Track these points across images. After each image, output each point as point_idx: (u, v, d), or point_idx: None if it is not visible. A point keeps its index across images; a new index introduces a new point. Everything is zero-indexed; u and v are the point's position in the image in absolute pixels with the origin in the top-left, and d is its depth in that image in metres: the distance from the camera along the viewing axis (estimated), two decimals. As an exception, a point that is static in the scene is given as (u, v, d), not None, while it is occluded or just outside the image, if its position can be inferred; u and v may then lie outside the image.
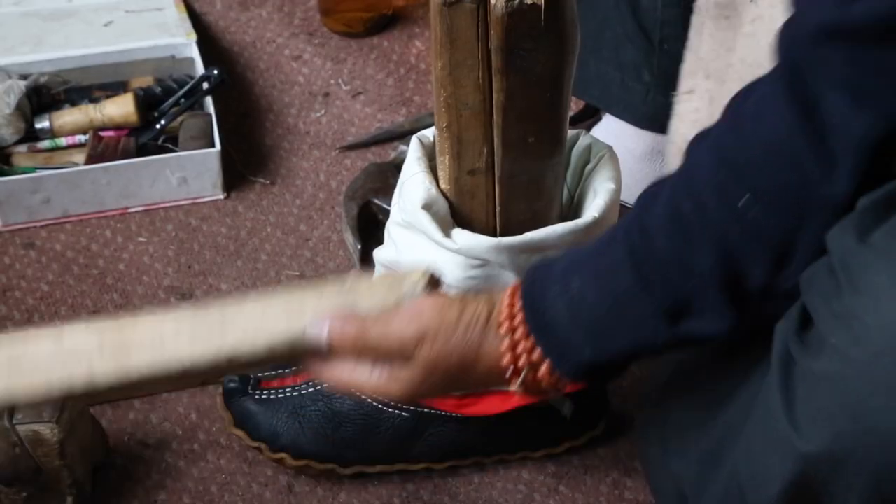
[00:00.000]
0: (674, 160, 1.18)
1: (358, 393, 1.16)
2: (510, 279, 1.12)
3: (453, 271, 1.13)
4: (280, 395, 1.29)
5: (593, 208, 1.13)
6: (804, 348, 0.81)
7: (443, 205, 1.13)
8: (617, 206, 1.16)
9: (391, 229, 1.19)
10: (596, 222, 1.13)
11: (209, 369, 0.97)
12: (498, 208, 1.13)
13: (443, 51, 1.02)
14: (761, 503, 0.89)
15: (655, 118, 1.35)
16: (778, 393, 0.84)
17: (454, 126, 1.07)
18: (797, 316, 0.83)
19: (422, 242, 1.14)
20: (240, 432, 1.30)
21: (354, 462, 1.29)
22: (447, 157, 1.09)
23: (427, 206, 1.12)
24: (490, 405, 1.25)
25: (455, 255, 1.13)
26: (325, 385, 1.28)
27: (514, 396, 1.22)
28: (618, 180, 1.16)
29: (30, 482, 1.23)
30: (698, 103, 1.15)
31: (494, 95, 1.04)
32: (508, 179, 1.10)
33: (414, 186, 1.13)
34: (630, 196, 1.31)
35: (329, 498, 1.31)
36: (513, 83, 1.03)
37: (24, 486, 1.23)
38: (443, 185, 1.13)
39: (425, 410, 1.27)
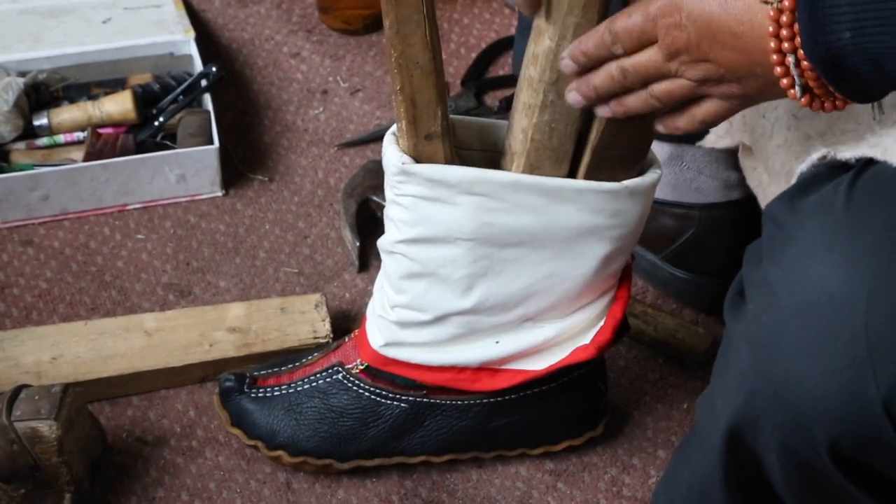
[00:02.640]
0: None
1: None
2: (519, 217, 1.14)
3: (465, 218, 1.13)
4: (276, 393, 1.29)
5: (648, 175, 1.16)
6: (734, 312, 0.85)
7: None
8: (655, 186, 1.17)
9: (388, 210, 1.19)
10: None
11: None
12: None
13: (389, 8, 1.04)
14: (709, 464, 0.93)
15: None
16: (720, 357, 0.88)
17: (407, 88, 1.08)
18: (737, 282, 0.87)
19: (415, 205, 1.14)
20: (237, 431, 1.30)
21: (352, 456, 1.29)
22: (404, 122, 1.11)
23: (405, 171, 1.13)
24: (499, 381, 1.25)
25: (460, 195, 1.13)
26: (320, 382, 1.28)
27: (519, 373, 1.23)
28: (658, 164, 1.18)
29: (28, 479, 1.23)
30: None
31: None
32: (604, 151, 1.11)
33: (389, 157, 1.14)
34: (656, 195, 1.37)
35: (327, 495, 1.31)
36: None
37: (22, 483, 1.23)
38: (406, 153, 1.14)
39: (424, 401, 1.27)
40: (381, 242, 1.20)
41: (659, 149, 1.44)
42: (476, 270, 1.16)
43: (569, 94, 1.04)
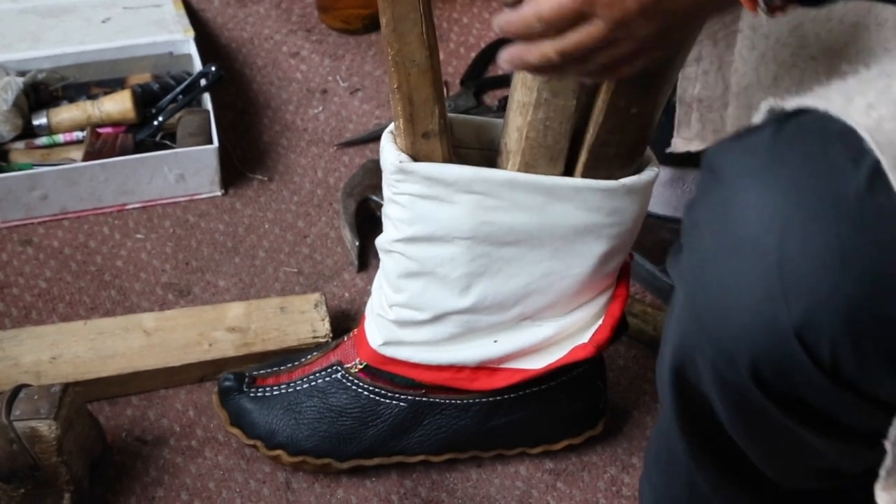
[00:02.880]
0: (683, 119, 1.19)
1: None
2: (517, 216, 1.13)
3: (464, 217, 1.13)
4: (275, 393, 1.29)
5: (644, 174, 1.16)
6: (673, 260, 0.86)
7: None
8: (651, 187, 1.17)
9: (387, 209, 1.19)
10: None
11: None
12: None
13: (386, 6, 1.04)
14: (666, 415, 0.94)
15: (672, 155, 1.39)
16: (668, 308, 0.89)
17: (404, 86, 1.08)
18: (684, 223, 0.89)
19: (412, 203, 1.15)
20: (236, 430, 1.30)
21: (351, 456, 1.29)
22: (402, 120, 1.11)
23: (403, 170, 1.13)
24: (497, 380, 1.25)
25: (458, 193, 1.13)
26: (319, 381, 1.28)
27: (518, 372, 1.23)
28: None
29: (27, 479, 1.23)
30: (706, 66, 1.16)
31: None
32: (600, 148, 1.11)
33: (387, 155, 1.14)
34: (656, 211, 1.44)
35: (327, 494, 1.31)
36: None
37: (21, 483, 1.23)
38: (403, 151, 1.14)
39: (423, 400, 1.27)
40: (380, 241, 1.21)
41: (661, 172, 1.45)
42: (474, 269, 1.16)
43: (502, 57, 0.98)
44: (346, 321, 1.47)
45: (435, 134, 1.12)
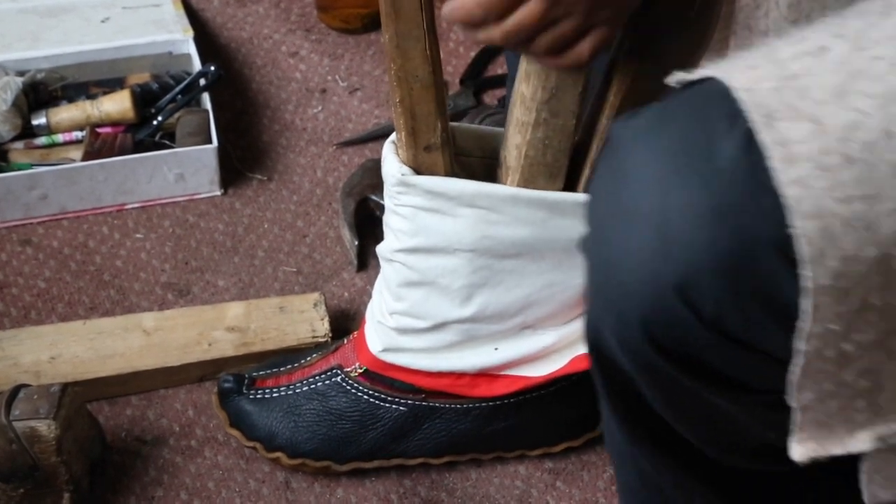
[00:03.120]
0: None
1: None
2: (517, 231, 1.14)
3: (466, 230, 1.13)
4: (275, 395, 1.29)
5: None
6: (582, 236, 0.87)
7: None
8: None
9: (388, 219, 1.19)
10: None
11: None
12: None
13: (389, 22, 1.04)
14: (601, 398, 0.94)
15: None
16: None
17: (407, 100, 1.08)
18: None
19: (414, 216, 1.14)
20: (235, 432, 1.30)
21: (351, 458, 1.29)
22: (403, 133, 1.11)
23: (404, 182, 1.13)
24: (497, 387, 1.25)
25: (460, 207, 1.13)
26: (319, 384, 1.28)
27: (518, 380, 1.23)
28: None
29: (27, 478, 1.23)
30: None
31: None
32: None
33: (388, 166, 1.14)
34: None
35: (326, 494, 1.31)
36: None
37: (21, 483, 1.23)
38: (405, 163, 1.14)
39: (423, 404, 1.27)
40: (380, 249, 1.20)
41: None
42: (475, 280, 1.16)
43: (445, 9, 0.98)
44: (345, 321, 1.47)
45: (437, 147, 1.11)
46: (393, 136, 1.15)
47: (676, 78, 0.76)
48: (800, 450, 0.73)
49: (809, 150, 0.67)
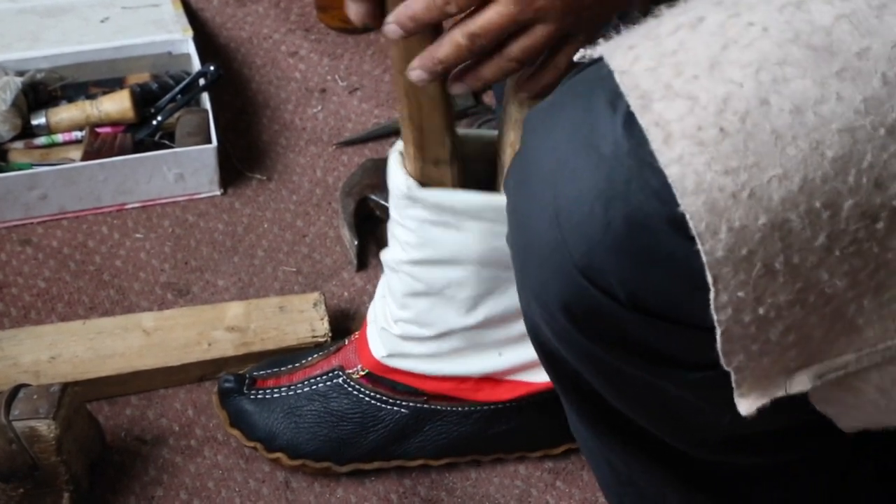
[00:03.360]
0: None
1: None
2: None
3: (473, 243, 1.13)
4: (276, 395, 1.29)
5: None
6: None
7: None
8: None
9: (392, 228, 1.19)
10: None
11: None
12: None
13: (398, 74, 1.03)
14: (556, 388, 0.94)
15: None
16: None
17: (415, 116, 1.08)
18: None
19: (420, 228, 1.14)
20: (236, 432, 1.30)
21: (351, 460, 1.29)
22: (412, 147, 1.10)
23: (411, 196, 1.13)
24: (501, 392, 1.25)
25: (467, 220, 1.12)
26: (320, 385, 1.28)
27: (522, 385, 1.23)
28: None
29: (27, 478, 1.23)
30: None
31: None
32: None
33: (394, 179, 1.14)
34: None
35: (326, 494, 1.31)
36: None
37: (20, 483, 1.23)
38: (412, 176, 1.14)
39: (424, 407, 1.27)
40: (385, 258, 1.20)
41: None
42: (481, 290, 1.16)
43: (411, 73, 0.97)
44: (345, 320, 1.47)
45: (445, 162, 1.10)
46: (399, 147, 1.14)
47: (580, 54, 0.76)
48: (745, 403, 0.73)
49: (686, 128, 0.67)
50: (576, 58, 0.77)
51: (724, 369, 0.72)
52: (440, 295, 1.17)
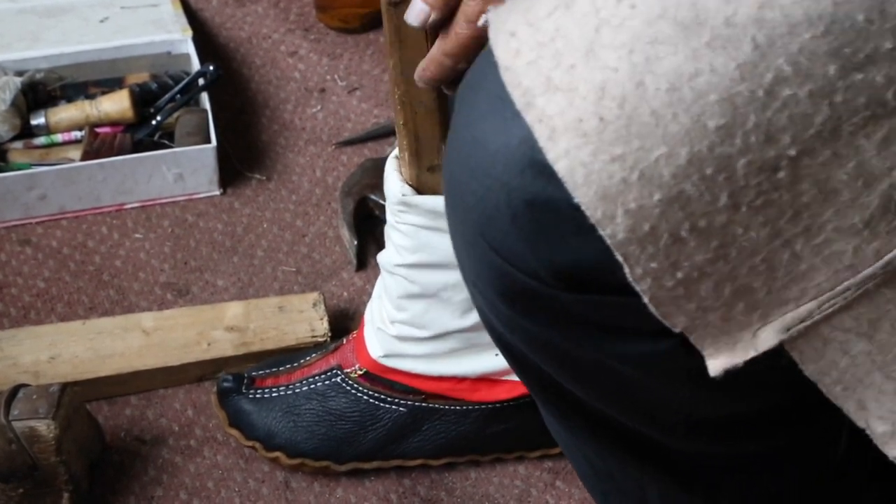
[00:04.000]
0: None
1: None
2: None
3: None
4: (274, 394, 1.29)
5: None
6: None
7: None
8: None
9: (389, 231, 1.20)
10: None
11: None
12: None
13: (393, 49, 1.04)
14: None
15: None
16: None
17: (410, 124, 1.08)
18: None
19: (415, 233, 1.14)
20: (234, 432, 1.30)
21: (350, 459, 1.29)
22: (407, 153, 1.11)
23: (406, 202, 1.13)
24: (498, 392, 1.25)
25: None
26: (319, 384, 1.28)
27: (519, 385, 1.23)
28: None
29: (26, 478, 1.23)
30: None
31: None
32: None
33: (390, 184, 1.14)
34: None
35: (325, 493, 1.31)
36: None
37: (20, 483, 1.23)
38: (407, 182, 1.14)
39: (423, 405, 1.27)
40: (382, 260, 1.20)
41: None
42: None
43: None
44: (344, 320, 1.47)
45: (439, 168, 1.11)
46: (396, 152, 1.14)
47: (483, 19, 0.75)
48: (714, 364, 0.73)
49: (568, 121, 0.67)
50: (479, 23, 0.77)
51: (668, 343, 0.73)
52: (436, 297, 1.17)
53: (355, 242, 1.53)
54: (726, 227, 0.68)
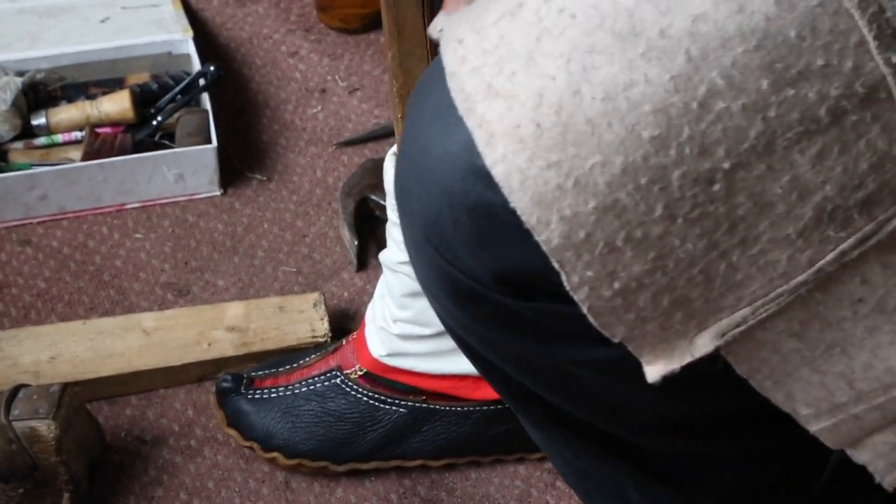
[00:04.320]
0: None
1: None
2: None
3: None
4: (273, 395, 1.29)
5: None
6: None
7: None
8: None
9: (390, 229, 1.20)
10: None
11: None
12: None
13: (391, 41, 1.04)
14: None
15: None
16: None
17: None
18: None
19: None
20: (233, 432, 1.30)
21: (348, 459, 1.29)
22: None
23: None
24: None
25: None
26: (318, 385, 1.28)
27: None
28: None
29: (27, 478, 1.23)
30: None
31: None
32: None
33: (390, 180, 1.14)
34: None
35: (326, 494, 1.31)
36: None
37: (20, 483, 1.23)
38: None
39: (423, 406, 1.27)
40: (384, 259, 1.20)
41: None
42: None
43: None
44: (345, 320, 1.47)
45: None
46: (394, 149, 1.14)
47: (437, 30, 0.76)
48: (651, 371, 0.73)
49: (506, 127, 0.67)
50: (435, 33, 0.77)
51: (621, 349, 0.73)
52: None
53: (356, 243, 1.53)
54: (663, 239, 0.68)
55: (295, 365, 1.31)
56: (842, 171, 0.66)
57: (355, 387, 1.27)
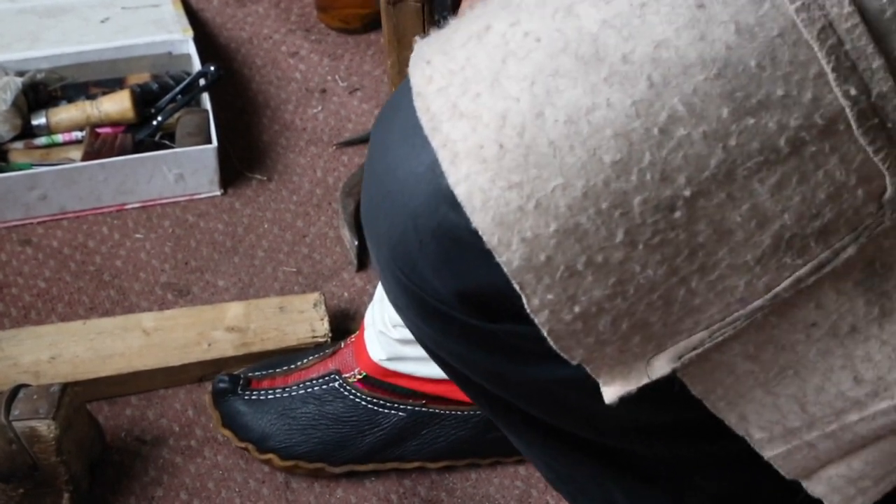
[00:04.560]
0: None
1: None
2: None
3: None
4: (270, 397, 1.29)
5: None
6: None
7: None
8: None
9: None
10: None
11: None
12: None
13: (391, 49, 1.04)
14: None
15: None
16: None
17: None
18: None
19: None
20: (227, 432, 1.30)
21: (345, 461, 1.29)
22: None
23: None
24: None
25: None
26: (316, 388, 1.28)
27: None
28: None
29: (27, 478, 1.23)
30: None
31: None
32: None
33: None
34: None
35: (326, 494, 1.31)
36: None
37: (20, 483, 1.23)
38: None
39: (423, 410, 1.27)
40: None
41: None
42: None
43: None
44: (345, 321, 1.47)
45: None
46: None
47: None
48: (608, 392, 0.74)
49: (470, 147, 0.68)
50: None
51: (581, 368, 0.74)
52: None
53: (356, 243, 1.53)
54: (624, 265, 0.69)
55: (293, 366, 1.31)
56: (800, 201, 0.67)
57: (354, 391, 1.27)
